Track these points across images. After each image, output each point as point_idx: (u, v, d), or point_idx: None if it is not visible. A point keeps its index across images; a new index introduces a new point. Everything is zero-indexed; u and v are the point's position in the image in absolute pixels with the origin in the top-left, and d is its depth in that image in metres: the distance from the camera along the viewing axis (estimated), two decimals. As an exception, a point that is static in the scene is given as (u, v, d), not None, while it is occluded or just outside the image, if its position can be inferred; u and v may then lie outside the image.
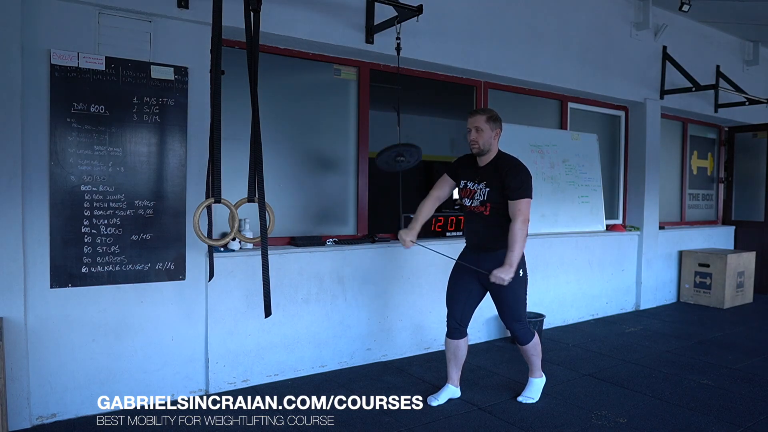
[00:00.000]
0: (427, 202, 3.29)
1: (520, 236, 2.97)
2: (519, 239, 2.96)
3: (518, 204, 2.99)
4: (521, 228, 2.97)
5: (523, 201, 2.99)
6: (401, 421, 3.00)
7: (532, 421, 3.03)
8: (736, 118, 6.84)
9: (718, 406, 3.24)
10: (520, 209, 2.98)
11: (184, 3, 3.13)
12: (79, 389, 2.99)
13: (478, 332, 4.50)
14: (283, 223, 3.77)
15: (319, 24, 3.62)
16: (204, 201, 2.91)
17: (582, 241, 5.27)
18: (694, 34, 6.23)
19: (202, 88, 3.22)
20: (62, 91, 2.87)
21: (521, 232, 2.97)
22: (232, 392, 3.36)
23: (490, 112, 3.10)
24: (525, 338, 3.19)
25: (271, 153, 3.65)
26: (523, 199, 2.99)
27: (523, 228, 2.98)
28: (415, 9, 3.43)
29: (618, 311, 5.68)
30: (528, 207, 3.02)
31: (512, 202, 3.00)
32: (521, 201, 2.99)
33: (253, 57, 2.85)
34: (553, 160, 5.13)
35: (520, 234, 2.96)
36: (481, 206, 3.10)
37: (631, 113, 5.96)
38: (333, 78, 4.05)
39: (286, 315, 3.61)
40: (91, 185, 2.96)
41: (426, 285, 4.19)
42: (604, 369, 3.89)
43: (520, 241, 2.96)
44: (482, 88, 4.75)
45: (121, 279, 3.06)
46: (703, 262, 6.14)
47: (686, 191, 6.83)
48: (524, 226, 2.98)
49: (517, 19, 4.65)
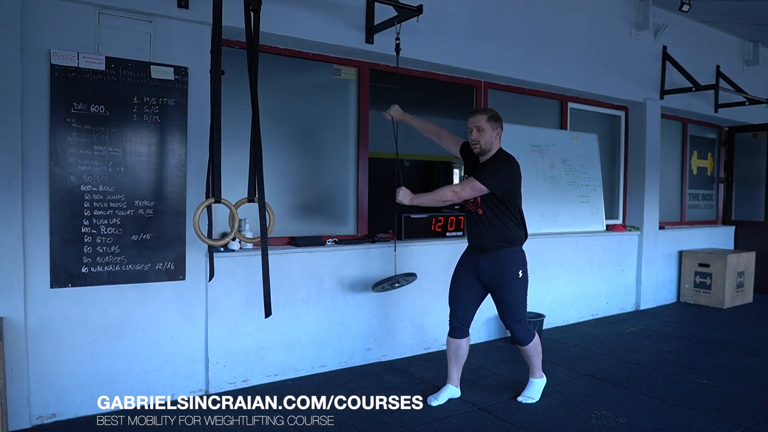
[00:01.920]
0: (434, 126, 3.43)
1: (439, 193, 3.00)
2: (436, 193, 3.00)
3: (471, 181, 2.96)
4: (446, 191, 2.99)
5: (476, 182, 2.95)
6: (401, 421, 3.00)
7: (532, 421, 3.03)
8: (736, 118, 6.84)
9: (718, 406, 3.24)
10: (467, 184, 2.96)
11: (184, 3, 3.13)
12: (79, 389, 2.99)
13: (478, 332, 4.50)
14: (283, 223, 3.77)
15: (319, 24, 3.62)
16: (204, 201, 2.91)
17: (582, 241, 5.27)
18: (694, 34, 6.23)
19: (202, 88, 3.22)
20: (62, 91, 2.87)
21: (443, 193, 2.99)
22: (232, 392, 3.36)
23: (490, 112, 3.09)
24: (525, 339, 3.19)
25: (271, 153, 3.65)
26: (478, 181, 2.95)
27: (447, 192, 2.99)
28: (415, 9, 3.43)
29: (618, 311, 5.68)
30: (472, 191, 2.97)
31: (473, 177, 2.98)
32: (475, 181, 2.95)
33: (253, 57, 2.84)
34: (553, 160, 5.13)
35: (441, 192, 3.00)
36: (474, 204, 3.10)
37: (631, 113, 5.96)
38: (333, 78, 4.05)
39: (286, 315, 3.61)
40: (91, 185, 2.96)
41: (426, 285, 4.19)
42: (603, 369, 3.89)
43: (434, 195, 3.00)
44: (482, 88, 4.75)
45: (121, 279, 3.06)
46: (703, 262, 6.14)
47: (686, 191, 6.83)
48: (451, 194, 2.99)
49: (517, 19, 4.65)
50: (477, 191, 2.98)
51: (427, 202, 3.07)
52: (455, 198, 3.01)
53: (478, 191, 2.98)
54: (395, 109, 3.39)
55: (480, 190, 2.97)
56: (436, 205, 3.15)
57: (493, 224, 3.04)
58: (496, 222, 3.03)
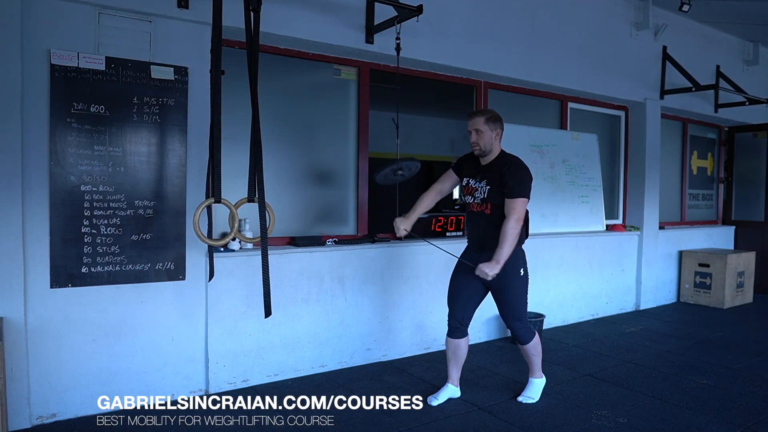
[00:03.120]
0: (429, 194, 3.30)
1: (512, 234, 2.95)
2: (510, 237, 2.94)
3: (514, 203, 2.98)
4: (514, 227, 2.95)
5: (519, 200, 2.98)
6: (401, 421, 3.00)
7: (532, 421, 3.03)
8: (736, 118, 6.84)
9: (718, 406, 3.24)
10: (515, 208, 2.97)
11: (184, 3, 3.13)
12: (79, 389, 2.99)
13: (478, 332, 4.50)
14: (283, 223, 3.77)
15: (319, 24, 3.62)
16: (204, 201, 2.91)
17: (582, 241, 5.27)
18: (694, 34, 6.23)
19: (202, 88, 3.22)
20: (62, 91, 2.87)
21: (513, 231, 2.95)
22: (232, 392, 3.37)
23: (489, 113, 3.09)
24: (525, 338, 3.19)
25: (271, 153, 3.65)
26: (519, 198, 2.98)
27: (516, 227, 2.96)
28: (415, 9, 3.43)
29: (618, 311, 5.68)
30: (523, 207, 3.01)
31: (508, 200, 2.99)
32: (517, 200, 2.98)
33: (253, 57, 2.84)
34: (553, 160, 5.13)
35: (512, 232, 2.95)
36: (482, 205, 3.10)
37: (631, 113, 5.96)
38: (333, 78, 4.05)
39: (286, 315, 3.61)
40: (91, 185, 2.96)
41: (426, 285, 4.19)
42: (604, 369, 3.89)
43: (510, 239, 2.94)
44: (482, 88, 4.75)
45: (121, 279, 3.06)
46: (703, 262, 6.14)
47: (686, 191, 6.83)
48: (517, 225, 2.97)
49: (517, 19, 4.65)
50: (524, 206, 3.00)
51: (509, 250, 2.94)
52: (520, 225, 2.99)
53: (524, 206, 3.00)
54: (399, 221, 3.16)
55: (524, 205, 3.00)
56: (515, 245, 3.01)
57: (499, 225, 3.04)
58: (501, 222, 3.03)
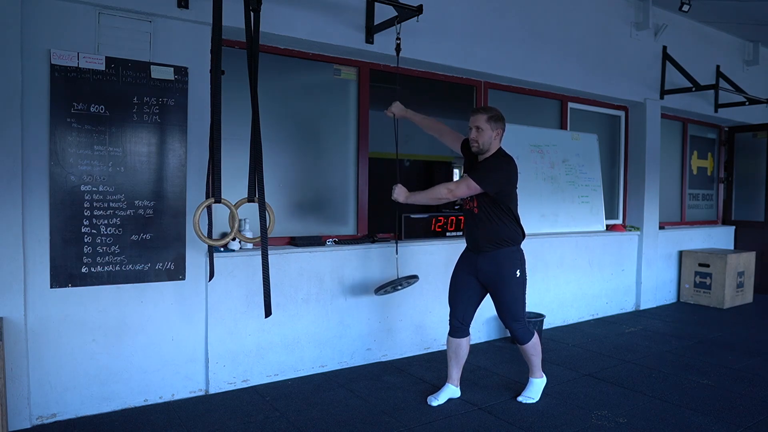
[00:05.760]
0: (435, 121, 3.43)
1: (435, 192, 2.99)
2: (431, 192, 3.00)
3: (465, 179, 2.97)
4: (440, 189, 2.98)
5: (470, 180, 2.95)
6: (401, 421, 3.00)
7: (532, 421, 3.03)
8: (736, 118, 6.84)
9: (718, 406, 3.24)
10: (461, 182, 2.98)
11: (184, 3, 3.13)
12: (79, 389, 2.99)
13: (478, 332, 4.50)
14: (283, 223, 3.78)
15: (319, 24, 3.62)
16: (204, 201, 2.91)
17: (582, 241, 5.27)
18: (694, 34, 6.23)
19: (202, 88, 3.22)
20: (62, 91, 2.87)
21: (437, 191, 2.99)
22: (232, 392, 3.37)
23: (491, 112, 3.08)
24: (524, 338, 3.19)
25: (271, 153, 3.65)
26: (472, 179, 2.95)
27: (442, 190, 2.98)
28: (415, 9, 3.43)
29: (618, 311, 5.68)
30: (467, 189, 2.97)
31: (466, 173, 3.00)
32: (469, 179, 2.96)
33: (253, 57, 2.85)
34: (553, 160, 5.13)
35: (437, 190, 2.99)
36: (471, 202, 3.11)
37: (631, 113, 5.96)
38: (333, 78, 4.05)
39: (286, 315, 3.61)
40: (91, 185, 2.96)
41: (426, 285, 4.19)
42: (604, 369, 3.89)
43: (430, 193, 3.00)
44: (482, 88, 4.76)
45: (121, 279, 3.06)
46: (703, 262, 6.14)
47: (686, 191, 6.83)
48: (446, 192, 2.98)
49: (517, 19, 4.65)
50: (471, 190, 2.98)
51: (422, 200, 3.07)
52: (450, 196, 3.01)
53: (472, 190, 2.98)
54: (396, 105, 3.40)
55: (474, 188, 2.97)
56: (432, 203, 3.13)
57: (488, 224, 3.04)
58: (491, 221, 3.04)
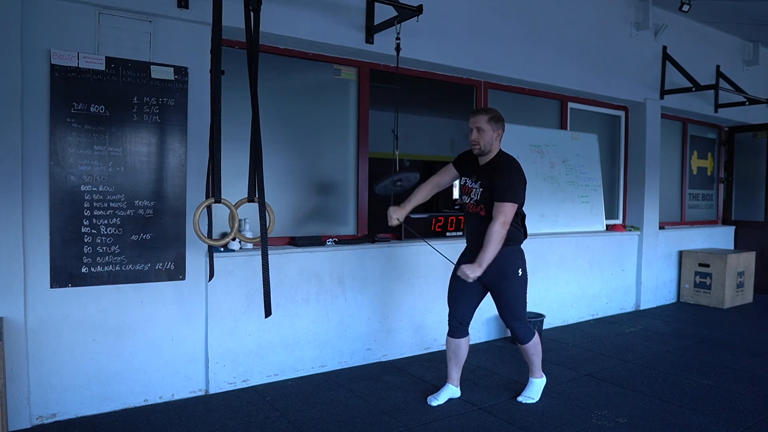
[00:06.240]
0: (425, 186, 3.28)
1: (496, 238, 2.88)
2: (494, 241, 2.88)
3: (502, 206, 2.91)
4: (499, 230, 2.88)
5: (507, 204, 2.91)
6: (401, 421, 3.00)
7: (532, 421, 3.03)
8: (736, 118, 6.84)
9: (718, 406, 3.24)
10: (503, 212, 2.90)
11: (184, 3, 3.13)
12: (79, 389, 2.99)
13: (478, 332, 4.50)
14: (283, 223, 3.78)
15: (319, 24, 3.62)
16: (204, 201, 2.91)
17: (582, 241, 5.27)
18: (694, 34, 6.23)
19: (202, 88, 3.22)
20: (62, 91, 2.87)
21: (498, 235, 2.88)
22: (232, 392, 3.37)
23: (492, 112, 3.08)
24: (525, 337, 3.19)
25: (271, 153, 3.65)
26: (507, 202, 2.91)
27: (501, 230, 2.89)
28: (415, 9, 3.43)
29: (618, 311, 5.68)
30: (512, 211, 2.93)
31: (497, 203, 2.93)
32: (506, 204, 2.91)
33: (253, 57, 2.85)
34: (553, 160, 5.13)
35: (496, 236, 2.88)
36: (477, 206, 3.09)
37: (631, 113, 5.96)
38: (333, 78, 4.05)
39: (286, 315, 3.61)
40: (91, 185, 2.96)
41: (426, 285, 4.19)
42: (604, 369, 3.89)
43: (494, 243, 2.88)
44: (482, 88, 4.76)
45: (121, 279, 3.06)
46: (703, 262, 6.14)
47: (686, 191, 6.83)
48: (503, 228, 2.90)
49: (517, 19, 4.65)
50: (513, 211, 2.93)
51: (492, 254, 2.90)
52: (506, 229, 2.92)
53: (513, 210, 2.93)
54: (394, 209, 3.18)
55: (512, 209, 2.93)
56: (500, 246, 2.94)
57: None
58: None
